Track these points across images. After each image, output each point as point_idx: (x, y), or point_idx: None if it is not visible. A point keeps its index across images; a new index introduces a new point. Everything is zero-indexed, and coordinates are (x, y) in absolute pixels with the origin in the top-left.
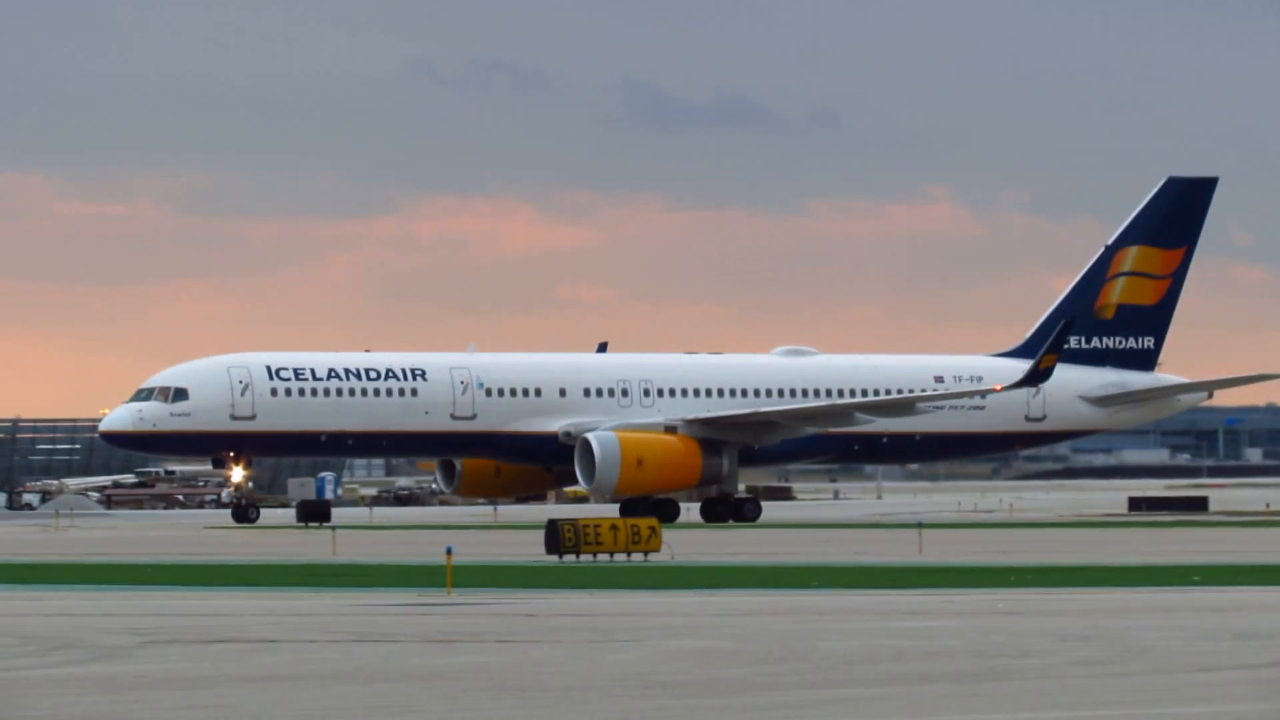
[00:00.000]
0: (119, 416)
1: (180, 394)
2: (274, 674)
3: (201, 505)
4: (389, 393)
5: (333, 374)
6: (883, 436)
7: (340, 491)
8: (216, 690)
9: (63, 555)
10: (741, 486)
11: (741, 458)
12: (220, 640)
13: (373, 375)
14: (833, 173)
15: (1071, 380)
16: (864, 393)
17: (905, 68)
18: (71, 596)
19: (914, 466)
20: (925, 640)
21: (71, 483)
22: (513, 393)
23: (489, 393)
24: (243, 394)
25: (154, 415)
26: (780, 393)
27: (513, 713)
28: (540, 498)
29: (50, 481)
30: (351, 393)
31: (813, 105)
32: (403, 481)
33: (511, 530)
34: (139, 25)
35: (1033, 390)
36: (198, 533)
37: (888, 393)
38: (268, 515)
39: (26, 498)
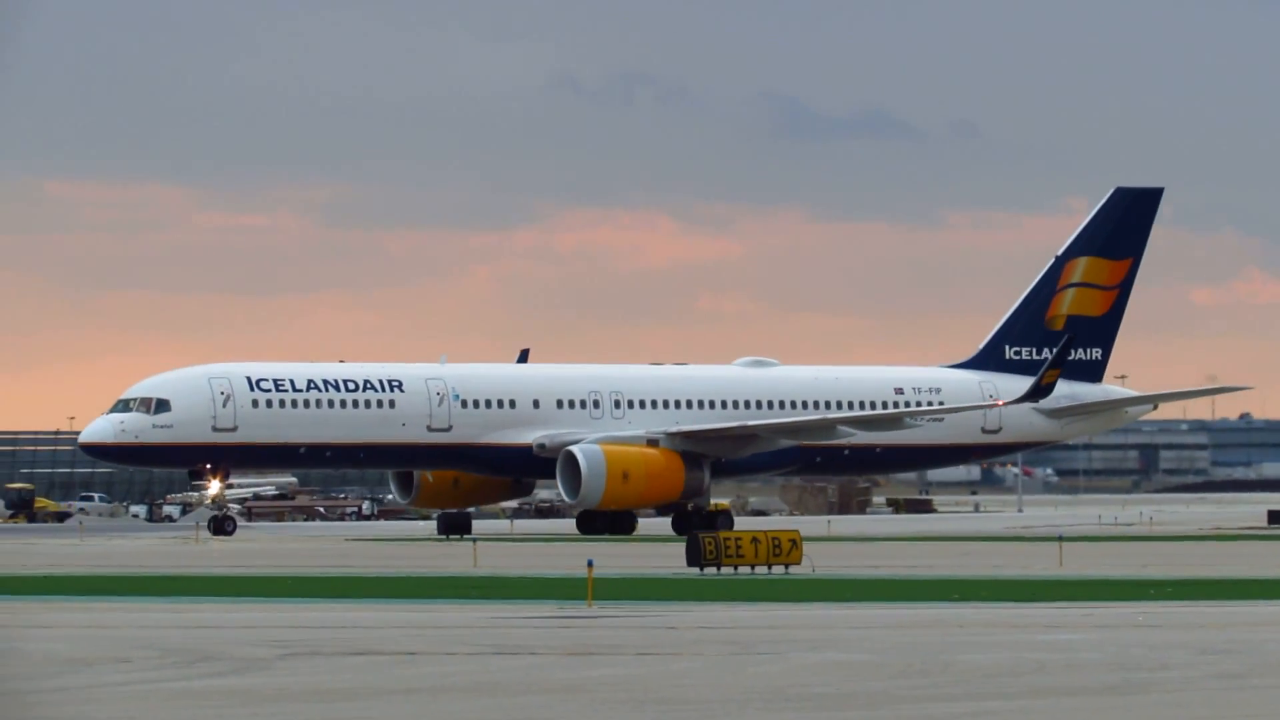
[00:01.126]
0: (100, 428)
1: (162, 405)
2: (413, 686)
3: (342, 517)
4: (367, 404)
5: (312, 385)
6: (844, 449)
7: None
8: (356, 703)
9: (202, 567)
10: (881, 500)
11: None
12: (360, 652)
13: (351, 386)
14: (972, 184)
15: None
16: (827, 405)
17: (1046, 79)
18: (211, 609)
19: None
20: (1065, 653)
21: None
22: (487, 404)
23: (464, 404)
24: (224, 405)
25: (136, 427)
26: (744, 404)
27: None
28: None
29: (190, 494)
30: (330, 404)
31: (953, 116)
32: (543, 494)
33: (653, 543)
34: (281, 38)
35: (991, 402)
36: (338, 545)
37: (852, 405)
38: (409, 527)
39: (167, 510)
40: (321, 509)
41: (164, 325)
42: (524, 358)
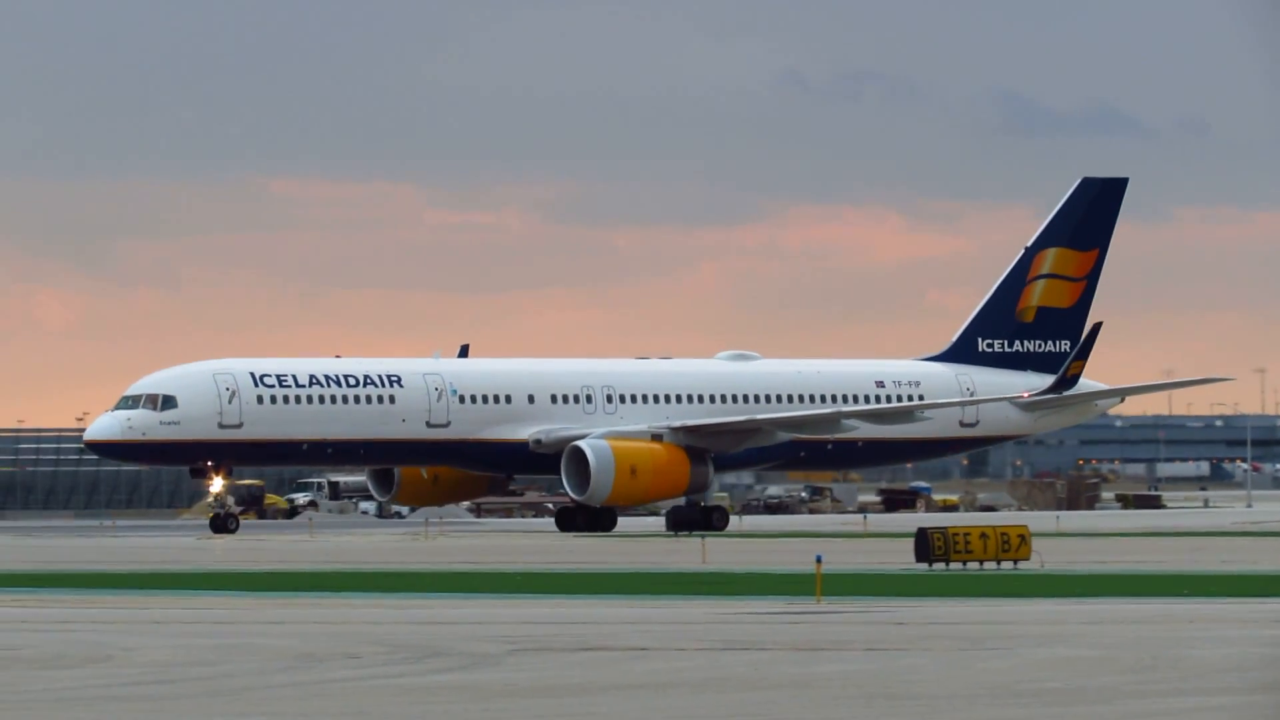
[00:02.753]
0: (106, 425)
1: (169, 401)
2: (643, 682)
3: None
4: (368, 399)
5: (314, 380)
6: (827, 443)
7: (711, 499)
8: (585, 698)
9: (432, 563)
10: (1109, 495)
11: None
12: (589, 648)
13: (351, 382)
14: (1201, 180)
15: (1000, 386)
16: (811, 398)
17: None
18: (441, 605)
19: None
20: None
21: None
22: (484, 399)
23: (462, 399)
24: (230, 401)
25: (143, 423)
26: (731, 398)
27: None
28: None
29: None
30: (333, 400)
31: (1181, 112)
32: (772, 490)
33: (881, 539)
34: (511, 36)
35: (968, 396)
36: (566, 541)
37: (836, 399)
38: (638, 524)
39: (396, 506)
40: (550, 505)
41: (390, 322)
42: (464, 353)
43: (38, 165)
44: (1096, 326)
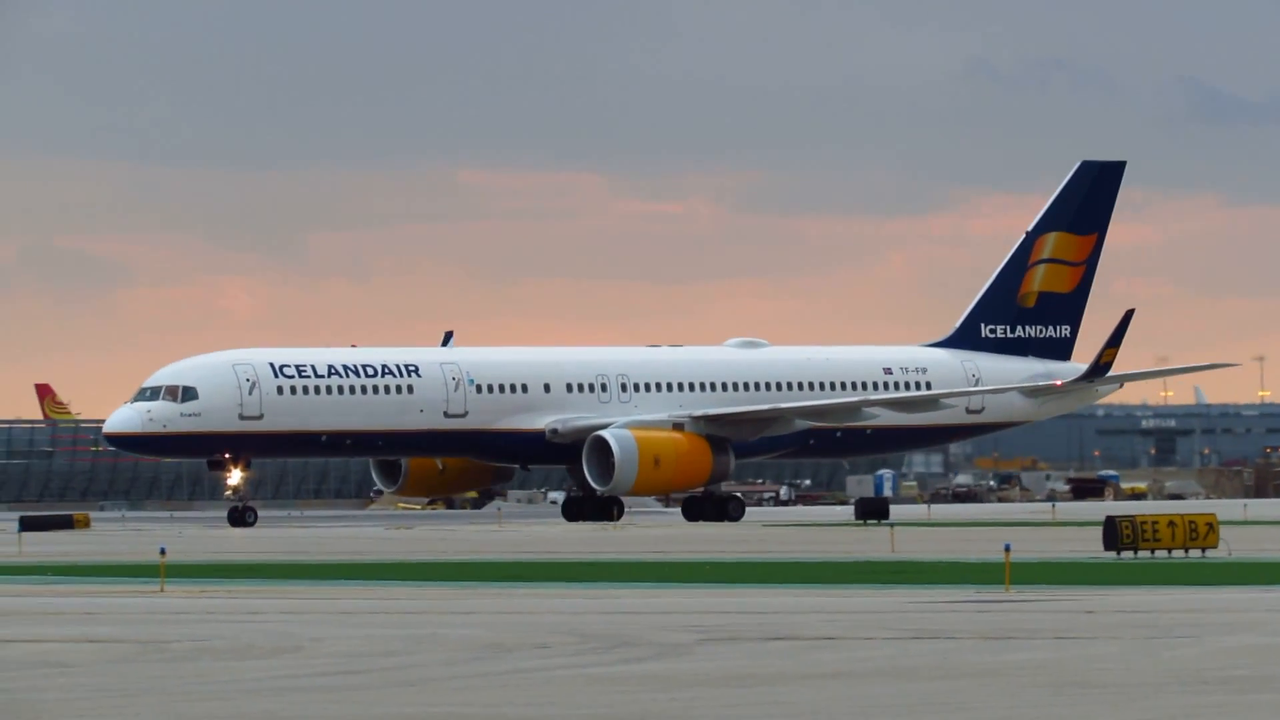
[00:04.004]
0: (125, 418)
1: (189, 393)
2: (831, 671)
3: (759, 503)
4: (386, 390)
5: (333, 371)
6: (836, 431)
7: (898, 489)
8: (774, 687)
9: (621, 553)
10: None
11: None
12: (778, 637)
13: (370, 372)
14: None
15: (1005, 372)
16: (820, 386)
17: None
18: (630, 594)
19: None
20: None
21: None
22: (501, 389)
23: (479, 389)
24: (250, 393)
25: (164, 415)
26: (739, 386)
27: (1070, 709)
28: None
29: None
30: (351, 390)
31: None
32: (961, 478)
33: (1069, 527)
34: (696, 26)
35: (974, 383)
36: (755, 530)
37: (845, 386)
38: (826, 513)
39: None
40: (739, 494)
41: (577, 312)
42: (447, 340)
43: (226, 155)
44: (1129, 314)
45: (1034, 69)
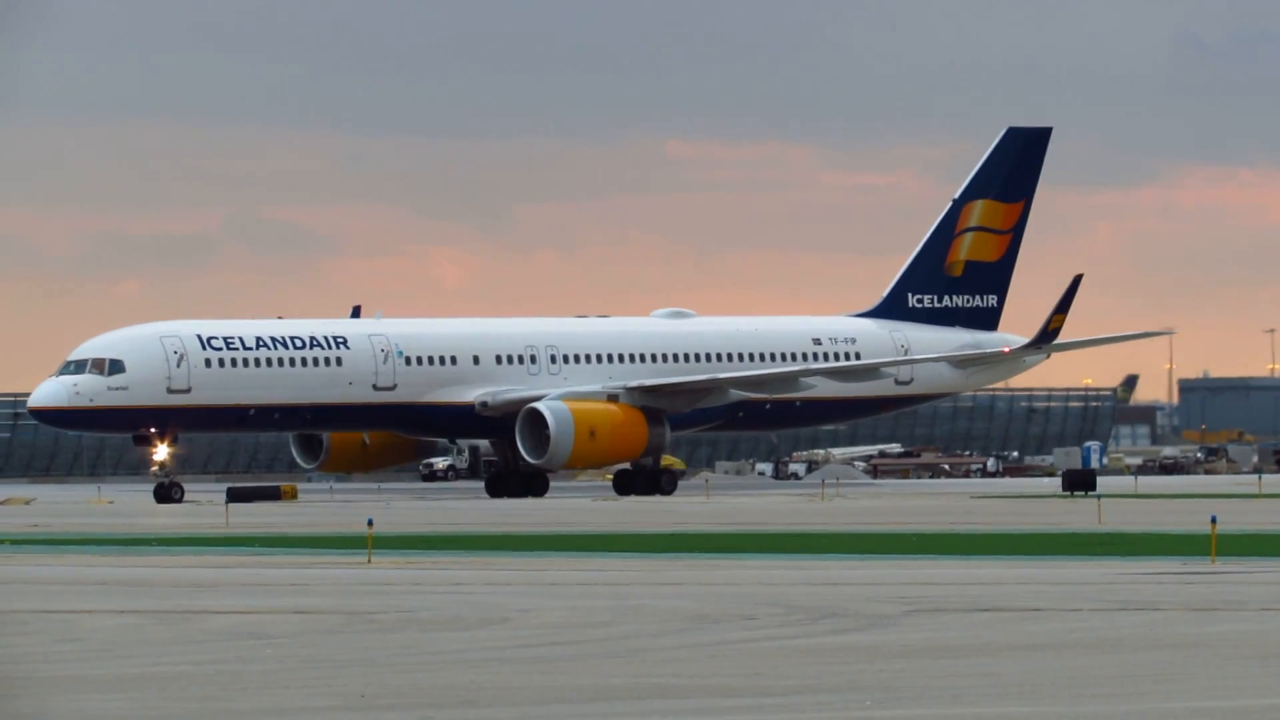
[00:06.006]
0: (51, 391)
1: (116, 366)
2: (1038, 643)
3: (967, 474)
4: (315, 362)
5: (260, 343)
6: (766, 404)
7: (1105, 460)
8: (980, 659)
9: (828, 525)
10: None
11: None
12: (984, 609)
13: (298, 344)
14: None
15: (934, 342)
16: (750, 357)
17: None
18: (836, 566)
19: None
20: None
21: (837, 452)
22: (430, 361)
23: (408, 361)
24: (178, 365)
25: (91, 389)
26: (668, 357)
27: (1276, 680)
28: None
29: (817, 451)
30: (280, 362)
31: None
32: (1168, 450)
33: (1276, 499)
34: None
35: (903, 354)
36: (962, 502)
37: (774, 357)
38: (1034, 484)
39: (793, 467)
40: (946, 466)
41: (783, 284)
42: (356, 313)
43: (435, 126)
44: (1077, 279)
45: (1242, 42)
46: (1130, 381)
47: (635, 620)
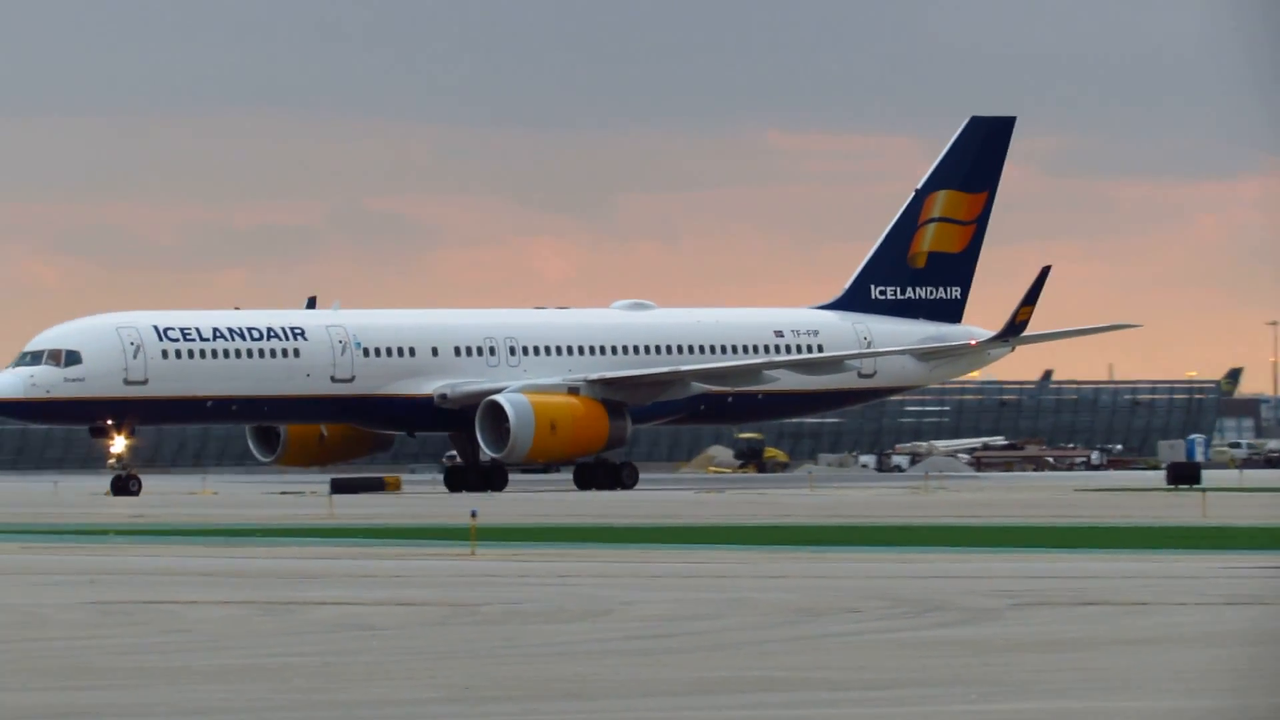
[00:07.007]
0: (7, 383)
1: (72, 357)
2: (1142, 637)
3: (1071, 467)
4: (272, 354)
5: (218, 334)
6: (728, 396)
7: (1210, 454)
8: (1085, 653)
9: (931, 517)
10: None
11: None
12: (1090, 602)
13: (255, 335)
14: None
15: (897, 335)
16: (710, 349)
17: None
18: (940, 559)
19: None
20: None
21: (941, 444)
22: (389, 352)
23: (366, 353)
24: (135, 356)
25: (47, 381)
26: (629, 349)
27: None
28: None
29: (920, 443)
30: (238, 354)
31: None
32: (1273, 444)
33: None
34: None
35: (866, 347)
36: (1067, 495)
37: (737, 349)
38: (1135, 478)
39: (896, 460)
40: (1050, 459)
41: None
42: (312, 304)
43: (537, 116)
44: (1045, 270)
45: None
46: (1234, 374)
47: (739, 613)
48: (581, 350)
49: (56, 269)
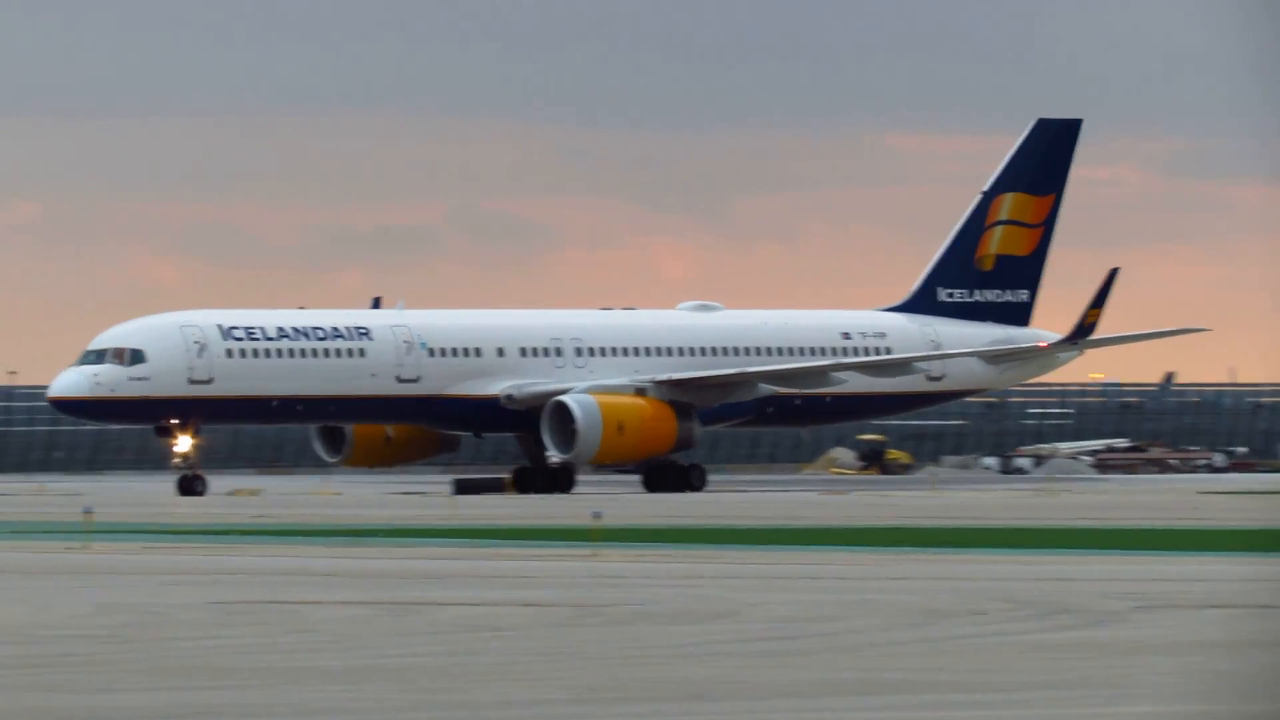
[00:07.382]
0: (72, 381)
1: (137, 355)
2: (1267, 639)
3: (1194, 470)
4: (338, 353)
5: (283, 333)
6: (796, 398)
7: None
8: (1202, 656)
9: (1055, 520)
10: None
11: None
12: (1214, 605)
13: (320, 335)
14: None
15: (964, 338)
16: (778, 351)
17: None
18: (1065, 561)
19: None
20: None
21: (1064, 446)
22: (454, 353)
23: (431, 353)
24: (199, 355)
25: (111, 379)
26: (695, 350)
27: None
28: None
29: (1043, 445)
30: (302, 353)
31: None
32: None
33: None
34: None
35: (935, 349)
36: (1190, 497)
37: (803, 351)
38: (1260, 481)
39: (1018, 462)
40: (1174, 461)
41: None
42: (377, 304)
43: (657, 118)
44: (1113, 273)
45: None
46: None
47: (863, 615)
48: (648, 351)
49: (176, 269)
